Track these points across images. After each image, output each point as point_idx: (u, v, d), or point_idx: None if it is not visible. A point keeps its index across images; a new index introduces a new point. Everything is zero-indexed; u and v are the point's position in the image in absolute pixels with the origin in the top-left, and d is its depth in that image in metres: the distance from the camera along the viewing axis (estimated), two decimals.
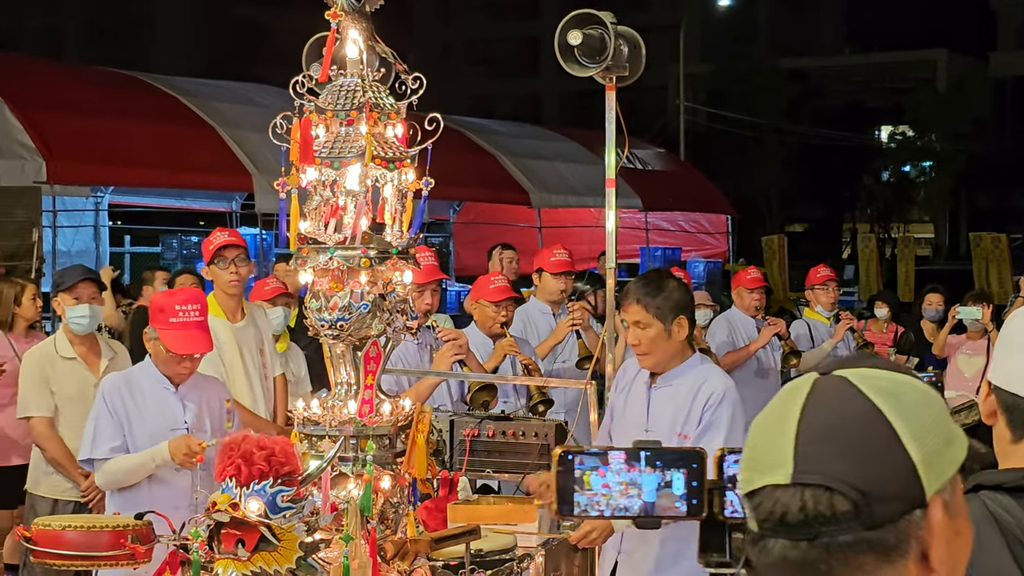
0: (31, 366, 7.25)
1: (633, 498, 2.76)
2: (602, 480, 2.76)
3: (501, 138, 23.65)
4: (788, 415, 1.58)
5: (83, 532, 4.33)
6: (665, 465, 2.78)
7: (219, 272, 7.18)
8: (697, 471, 2.76)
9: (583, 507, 2.76)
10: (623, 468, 2.77)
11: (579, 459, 2.77)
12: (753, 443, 1.61)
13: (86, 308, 7.20)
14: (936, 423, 1.58)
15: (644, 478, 2.76)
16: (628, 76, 6.04)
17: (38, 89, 15.74)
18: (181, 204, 21.33)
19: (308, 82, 4.55)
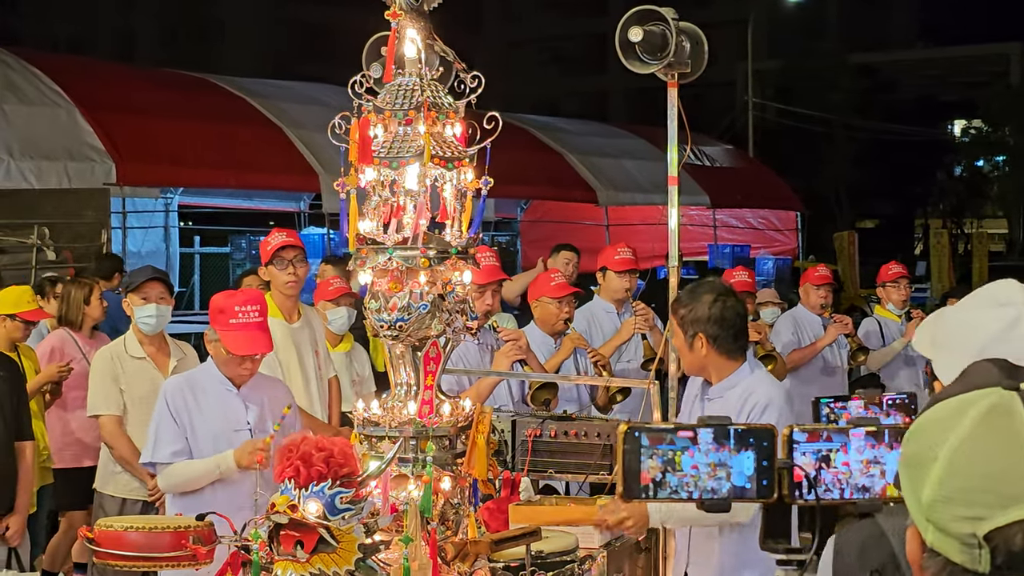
0: (101, 365, 7.30)
1: (722, 479, 2.57)
2: (692, 461, 2.58)
3: (568, 136, 23.61)
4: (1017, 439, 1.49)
5: (145, 533, 4.35)
6: (735, 445, 2.58)
7: (277, 273, 7.19)
8: (767, 450, 2.57)
9: (673, 487, 2.56)
10: (712, 448, 2.59)
11: (655, 437, 2.57)
12: (980, 473, 1.48)
13: (153, 308, 7.25)
14: None
15: (734, 460, 2.58)
16: (690, 73, 5.98)
17: (108, 92, 15.90)
18: (249, 205, 21.47)
19: (367, 82, 4.55)
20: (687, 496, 2.59)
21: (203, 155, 16.04)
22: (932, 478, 1.50)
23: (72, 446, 8.49)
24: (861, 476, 2.59)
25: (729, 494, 2.58)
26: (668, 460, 2.57)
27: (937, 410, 1.58)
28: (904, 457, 1.62)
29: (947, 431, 1.52)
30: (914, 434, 1.60)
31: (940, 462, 1.50)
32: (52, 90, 15.10)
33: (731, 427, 2.59)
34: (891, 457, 2.61)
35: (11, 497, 6.75)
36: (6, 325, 8.11)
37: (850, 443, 2.62)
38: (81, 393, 8.19)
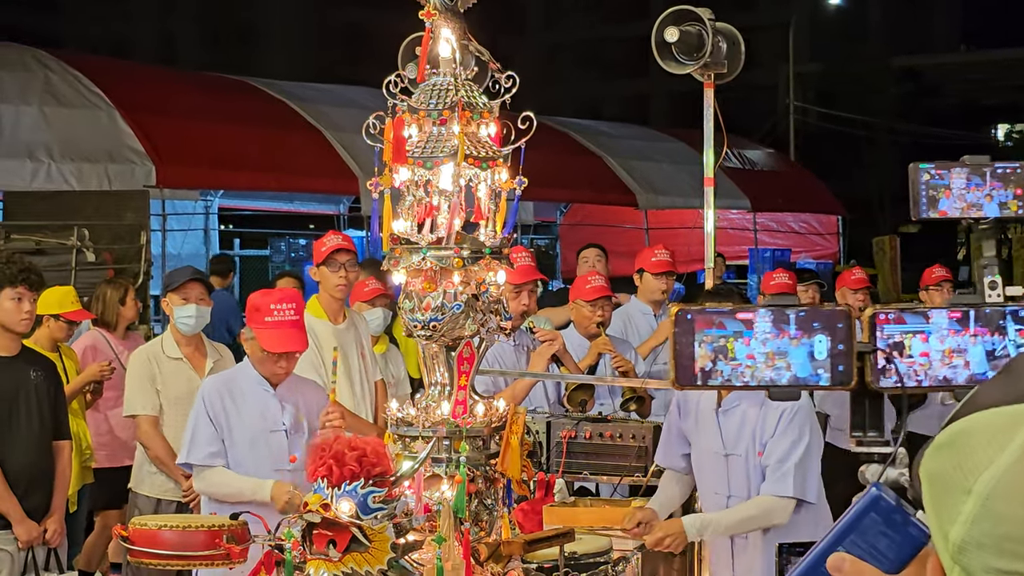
0: (138, 365, 7.33)
1: (781, 369, 2.41)
2: (747, 350, 2.42)
3: (607, 139, 23.56)
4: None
5: (179, 532, 4.36)
6: (806, 329, 2.40)
7: (328, 274, 7.20)
8: (843, 332, 2.40)
9: (726, 377, 2.43)
10: (769, 336, 2.41)
11: (718, 321, 2.41)
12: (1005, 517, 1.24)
13: (193, 308, 7.28)
14: None
15: (792, 350, 2.40)
16: (727, 73, 5.96)
17: (148, 95, 15.97)
18: (289, 207, 21.53)
19: (402, 82, 4.54)
20: (741, 385, 2.45)
21: (243, 158, 16.09)
22: (964, 515, 1.27)
23: (107, 446, 8.54)
24: (942, 367, 2.45)
25: (791, 384, 2.42)
26: (720, 347, 2.42)
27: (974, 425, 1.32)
28: (929, 472, 1.35)
29: (985, 457, 1.27)
30: (945, 448, 1.33)
31: (974, 497, 1.26)
32: (93, 92, 15.18)
33: (794, 310, 2.42)
34: (975, 350, 2.47)
35: (50, 497, 6.79)
36: (50, 325, 8.16)
37: (931, 329, 2.46)
38: (114, 393, 8.24)
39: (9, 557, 6.59)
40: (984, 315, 2.48)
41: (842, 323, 2.39)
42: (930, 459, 1.34)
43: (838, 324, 2.39)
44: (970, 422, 1.31)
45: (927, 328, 2.47)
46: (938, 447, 1.33)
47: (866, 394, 2.41)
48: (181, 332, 7.36)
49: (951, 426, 1.33)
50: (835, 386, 2.40)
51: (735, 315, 2.43)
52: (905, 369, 2.44)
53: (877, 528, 1.54)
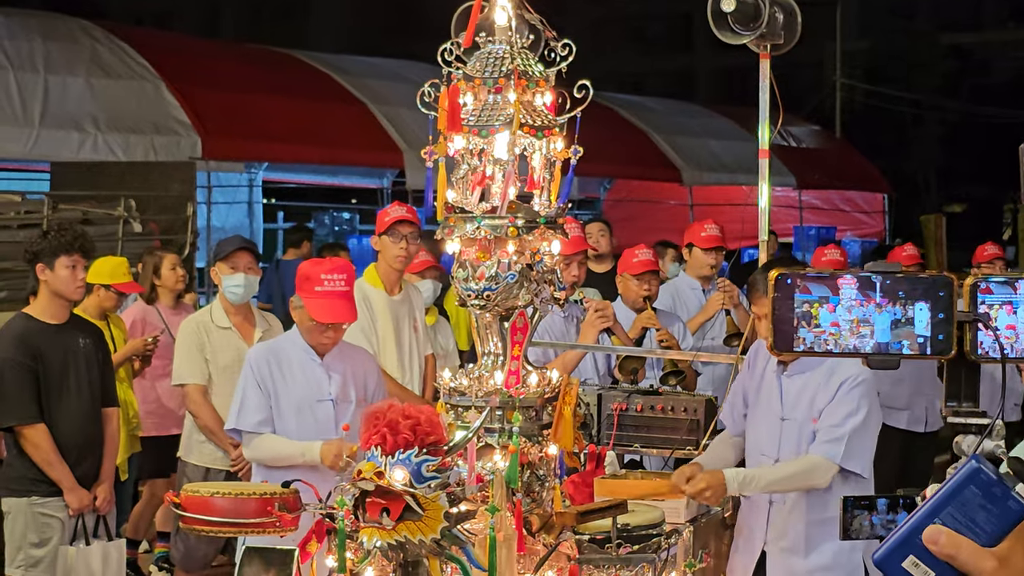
0: (187, 334, 7.35)
1: (865, 337, 2.35)
2: (832, 316, 2.36)
3: (652, 115, 23.47)
4: None
5: (231, 499, 4.36)
6: (906, 296, 2.34)
7: (389, 244, 7.20)
8: (945, 301, 2.32)
9: (808, 344, 2.38)
10: (854, 303, 2.35)
11: (801, 286, 2.36)
12: None
13: (241, 277, 7.28)
14: None
15: (877, 317, 2.34)
16: (783, 45, 5.89)
17: (194, 67, 16.01)
18: (333, 181, 21.54)
19: (456, 49, 4.51)
20: (823, 351, 2.37)
21: (288, 130, 16.10)
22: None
23: (154, 414, 8.58)
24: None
25: (875, 351, 2.34)
26: (804, 313, 2.36)
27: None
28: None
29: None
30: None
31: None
32: (139, 64, 15.22)
33: (894, 277, 2.34)
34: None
35: (99, 464, 6.82)
36: (100, 294, 8.21)
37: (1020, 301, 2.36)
38: (162, 362, 8.27)
39: (60, 523, 6.63)
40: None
41: (944, 291, 2.32)
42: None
43: (939, 292, 2.32)
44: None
45: (1015, 299, 2.41)
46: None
47: (963, 364, 2.35)
48: (229, 301, 7.36)
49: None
50: (935, 355, 2.33)
51: (835, 280, 2.37)
52: (991, 342, 2.38)
53: (976, 501, 1.50)
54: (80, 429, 6.72)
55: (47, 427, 6.57)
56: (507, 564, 3.99)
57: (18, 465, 6.63)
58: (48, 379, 6.63)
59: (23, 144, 13.77)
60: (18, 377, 6.58)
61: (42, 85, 14.11)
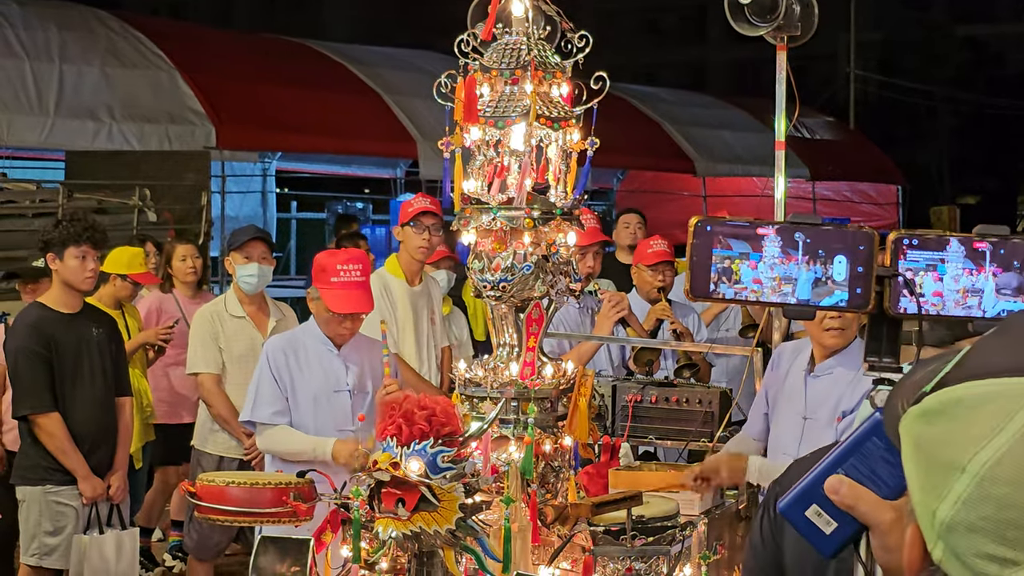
0: (201, 323, 7.35)
1: (787, 295, 2.34)
2: (753, 273, 2.34)
3: (666, 106, 23.42)
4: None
5: (246, 488, 4.37)
6: (827, 252, 2.32)
7: (413, 235, 7.21)
8: (864, 254, 2.31)
9: (727, 298, 2.37)
10: (777, 261, 2.34)
11: (724, 241, 2.34)
12: (1005, 502, 1.14)
13: (255, 267, 7.28)
14: None
15: (800, 274, 2.33)
16: (800, 36, 5.88)
17: (208, 56, 16.01)
18: (347, 171, 21.54)
19: (473, 40, 4.51)
20: (745, 300, 2.37)
21: (301, 120, 16.10)
22: (954, 494, 1.16)
23: (166, 402, 8.59)
24: (956, 307, 2.39)
25: (796, 304, 2.34)
26: (724, 269, 2.35)
27: (970, 396, 1.19)
28: (916, 437, 1.24)
29: (981, 435, 1.15)
30: (935, 415, 1.22)
31: (968, 476, 1.15)
32: (154, 53, 15.22)
33: (814, 230, 2.33)
34: (988, 286, 2.40)
35: (113, 453, 6.83)
36: (115, 284, 8.21)
37: (948, 260, 2.41)
38: (176, 350, 8.28)
39: (74, 512, 6.64)
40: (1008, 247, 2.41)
41: (864, 245, 2.31)
42: (917, 423, 1.24)
43: (859, 246, 2.31)
44: (965, 391, 1.19)
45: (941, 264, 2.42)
46: (927, 413, 1.23)
47: (883, 319, 2.36)
48: (243, 291, 7.37)
49: (944, 392, 1.22)
50: (852, 309, 2.33)
51: (755, 230, 2.36)
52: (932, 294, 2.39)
53: (878, 453, 1.51)
54: (94, 418, 6.74)
55: (61, 416, 6.59)
56: (522, 555, 4.01)
57: (32, 454, 6.64)
58: (62, 368, 6.64)
59: (38, 133, 13.78)
60: (32, 366, 6.60)
61: (57, 74, 14.12)
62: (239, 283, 7.35)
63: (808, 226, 2.34)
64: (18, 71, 13.77)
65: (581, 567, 4.11)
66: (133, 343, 8.05)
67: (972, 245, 2.36)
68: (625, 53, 48.11)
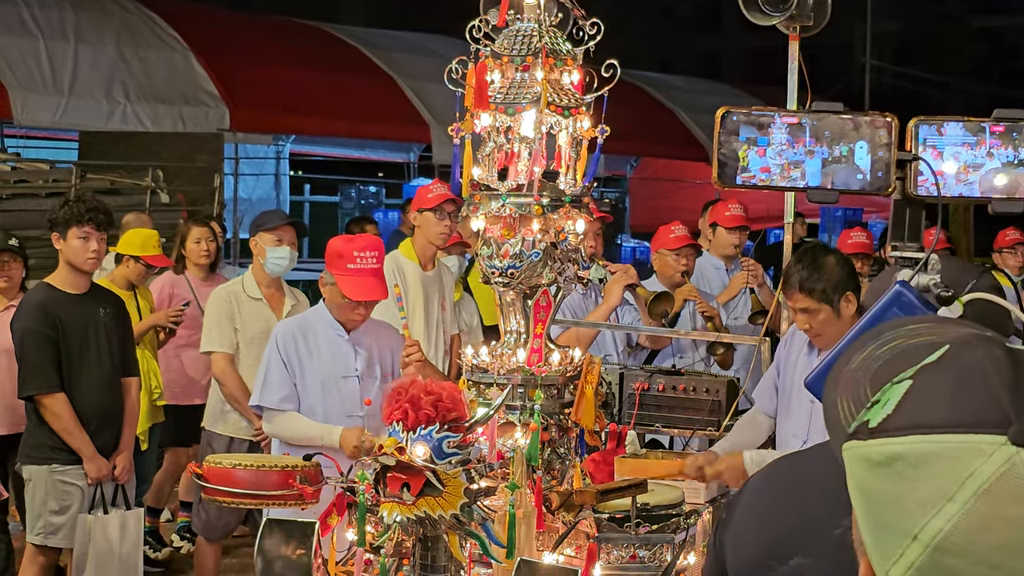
0: (218, 303, 7.35)
1: (796, 180, 2.36)
2: (761, 162, 2.36)
3: (680, 93, 23.42)
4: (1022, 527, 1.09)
5: (253, 471, 4.38)
6: (840, 136, 2.34)
7: (434, 221, 7.24)
8: (885, 140, 2.35)
9: (740, 183, 2.40)
10: (785, 147, 2.36)
11: (741, 126, 2.36)
12: (959, 574, 1.11)
13: (287, 251, 7.31)
14: None
15: (808, 160, 2.35)
16: (812, 26, 5.86)
17: (224, 39, 16.03)
18: (360, 155, 21.56)
19: (485, 27, 4.51)
20: (761, 184, 2.37)
21: (316, 103, 16.12)
22: (906, 560, 1.13)
23: (176, 383, 8.60)
24: (957, 183, 2.39)
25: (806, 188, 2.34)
26: (732, 154, 2.37)
27: (914, 454, 1.15)
28: (863, 487, 1.20)
29: (930, 501, 1.12)
30: (881, 469, 1.17)
31: (919, 546, 1.12)
32: (169, 35, 15.25)
33: (839, 116, 2.33)
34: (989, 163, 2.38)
35: (119, 434, 6.85)
36: (129, 266, 8.22)
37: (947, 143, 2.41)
38: (187, 332, 8.30)
39: (79, 491, 6.66)
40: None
41: (884, 130, 2.34)
42: (859, 467, 1.20)
43: (880, 131, 2.34)
44: (909, 448, 1.15)
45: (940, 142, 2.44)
46: (869, 462, 1.18)
47: (906, 202, 2.37)
48: (270, 273, 7.37)
49: (886, 444, 1.17)
50: (874, 191, 2.36)
51: (774, 120, 2.38)
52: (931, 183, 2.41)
53: None
54: (100, 398, 6.75)
55: (67, 396, 6.61)
56: (526, 541, 4.01)
57: (39, 433, 6.66)
58: (68, 348, 6.66)
59: (52, 113, 13.82)
60: (38, 346, 6.61)
61: (72, 54, 14.15)
62: (268, 264, 7.35)
63: (824, 112, 2.37)
64: (32, 51, 13.80)
65: (585, 554, 4.12)
66: (143, 325, 8.06)
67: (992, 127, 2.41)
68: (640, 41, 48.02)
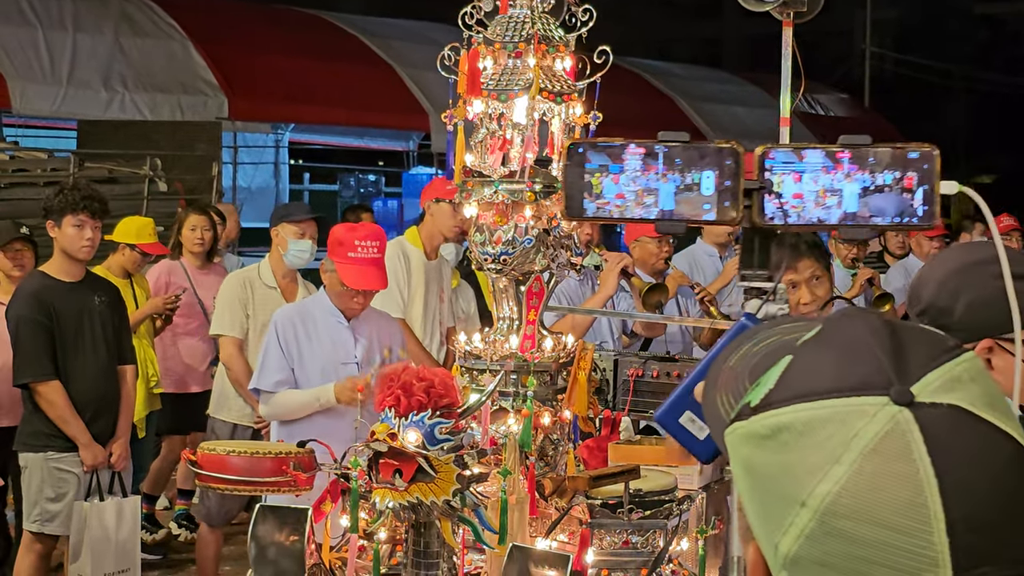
0: (231, 288, 7.34)
1: (649, 207, 2.35)
2: (616, 188, 2.35)
3: (679, 81, 23.40)
4: (912, 490, 1.10)
5: (246, 458, 4.39)
6: (689, 164, 2.33)
7: (447, 213, 7.25)
8: (732, 169, 2.32)
9: (592, 214, 2.40)
10: (639, 173, 2.35)
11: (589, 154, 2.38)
12: (866, 539, 1.10)
13: (309, 244, 7.31)
14: None
15: (662, 185, 2.34)
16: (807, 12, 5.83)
17: (222, 28, 16.03)
18: (359, 143, 21.56)
19: (477, 13, 4.51)
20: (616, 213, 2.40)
21: (314, 92, 16.12)
22: (796, 528, 1.13)
23: (174, 371, 8.61)
24: (815, 207, 2.41)
25: (659, 218, 2.36)
26: (586, 183, 2.38)
27: (799, 423, 1.15)
28: (748, 463, 1.20)
29: (817, 466, 1.12)
30: (767, 441, 1.17)
31: (809, 511, 1.12)
32: (167, 24, 15.25)
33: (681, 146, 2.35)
34: (849, 187, 2.43)
35: (115, 421, 6.86)
36: (125, 253, 8.23)
37: (806, 169, 2.44)
38: (184, 320, 8.31)
39: (75, 479, 6.68)
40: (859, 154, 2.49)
41: (730, 160, 2.34)
42: (744, 445, 1.20)
43: (726, 161, 2.33)
44: (793, 416, 1.15)
45: (801, 167, 2.46)
46: (754, 437, 1.18)
47: (754, 231, 2.40)
48: (289, 265, 7.37)
49: (770, 416, 1.17)
50: (721, 222, 2.36)
51: (627, 148, 2.39)
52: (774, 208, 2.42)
53: None
54: (95, 386, 6.77)
55: (62, 384, 6.62)
56: (519, 527, 4.02)
57: (35, 421, 6.68)
58: (63, 336, 6.67)
59: (51, 102, 13.82)
60: (33, 334, 6.62)
61: (70, 43, 14.15)
62: (288, 256, 7.34)
63: (672, 143, 2.36)
64: (31, 39, 13.80)
65: (578, 539, 4.12)
66: (140, 313, 8.07)
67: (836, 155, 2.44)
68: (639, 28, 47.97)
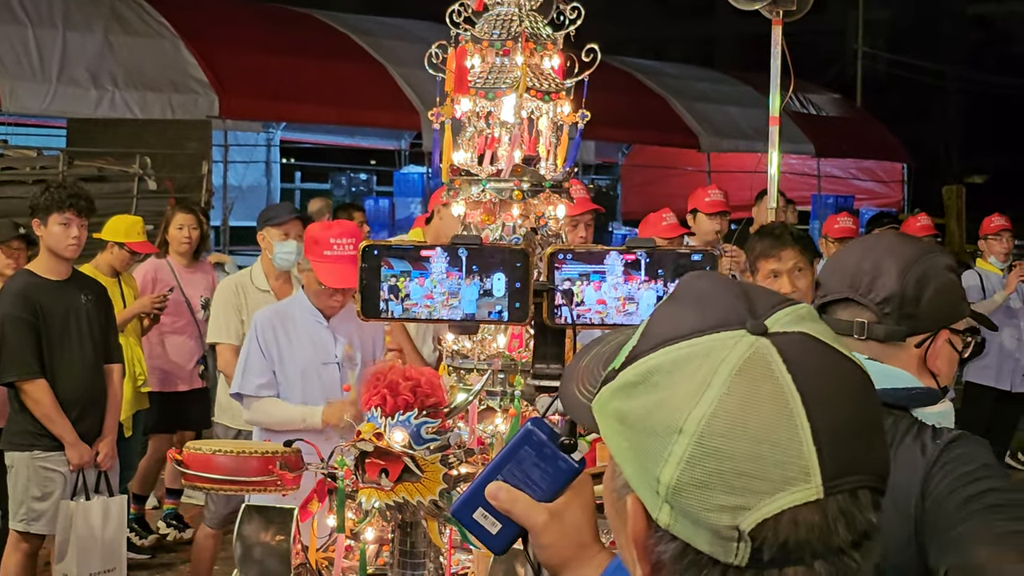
0: (225, 294, 7.33)
1: (455, 308, 2.49)
2: (423, 291, 2.49)
3: (672, 80, 23.38)
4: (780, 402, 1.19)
5: (232, 457, 4.36)
6: (484, 268, 2.47)
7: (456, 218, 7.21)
8: (521, 271, 2.47)
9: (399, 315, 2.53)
10: (444, 276, 2.48)
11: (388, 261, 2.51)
12: (742, 453, 1.17)
13: (294, 245, 7.28)
14: None
15: (464, 290, 2.47)
16: (796, 11, 5.86)
17: (212, 25, 16.00)
18: (351, 142, 21.54)
19: (465, 11, 4.49)
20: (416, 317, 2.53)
21: (306, 91, 16.09)
22: (675, 456, 1.19)
23: (160, 370, 8.59)
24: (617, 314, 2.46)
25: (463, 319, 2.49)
26: (392, 287, 2.50)
27: (666, 362, 1.23)
28: (621, 413, 1.27)
29: (688, 395, 1.20)
30: (637, 387, 1.25)
31: (686, 436, 1.18)
32: (157, 22, 15.22)
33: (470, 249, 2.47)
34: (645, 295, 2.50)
35: (102, 420, 6.84)
36: (113, 252, 8.21)
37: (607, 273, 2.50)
38: (171, 319, 8.29)
39: (61, 478, 6.66)
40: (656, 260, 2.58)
41: (520, 262, 2.44)
42: (616, 398, 1.27)
43: (516, 263, 2.45)
44: (661, 358, 1.24)
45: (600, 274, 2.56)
46: (626, 386, 1.26)
47: (546, 329, 2.47)
48: (278, 267, 7.35)
49: (638, 364, 1.25)
50: (512, 322, 2.49)
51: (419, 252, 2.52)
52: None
53: (531, 460, 1.61)
54: (81, 385, 6.75)
55: (48, 382, 6.60)
56: None
57: (20, 419, 6.66)
58: (49, 334, 6.65)
59: (40, 100, 13.78)
60: (19, 332, 6.60)
61: (60, 41, 14.11)
62: (276, 259, 7.32)
63: (470, 247, 2.51)
64: (20, 37, 13.75)
65: None
66: (127, 312, 8.04)
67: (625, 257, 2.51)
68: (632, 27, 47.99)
